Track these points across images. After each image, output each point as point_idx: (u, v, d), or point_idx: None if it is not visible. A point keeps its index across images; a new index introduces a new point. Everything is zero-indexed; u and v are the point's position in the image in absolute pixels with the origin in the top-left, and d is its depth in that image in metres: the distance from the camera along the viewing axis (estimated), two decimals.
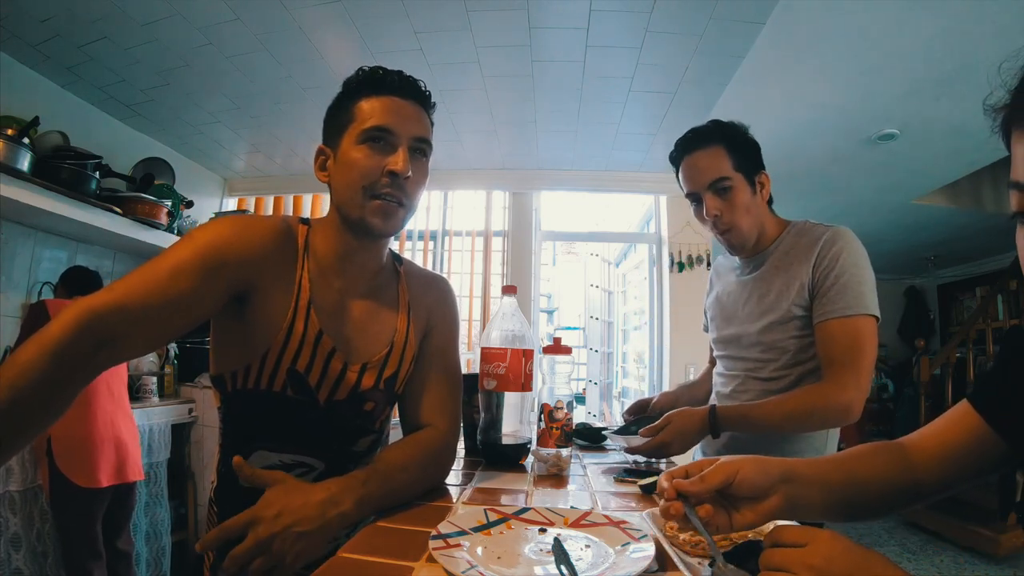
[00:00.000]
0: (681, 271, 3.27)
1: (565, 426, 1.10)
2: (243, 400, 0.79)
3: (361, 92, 0.79)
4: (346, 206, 0.79)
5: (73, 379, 0.60)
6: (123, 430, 2.01)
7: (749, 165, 1.11)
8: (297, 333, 0.77)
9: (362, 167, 0.76)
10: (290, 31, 1.96)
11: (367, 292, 0.86)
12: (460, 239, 3.64)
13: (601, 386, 3.98)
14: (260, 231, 0.76)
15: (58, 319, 0.60)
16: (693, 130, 1.15)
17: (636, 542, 0.59)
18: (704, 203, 1.10)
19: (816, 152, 2.86)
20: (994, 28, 1.79)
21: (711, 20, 1.82)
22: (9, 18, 1.87)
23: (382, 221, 0.78)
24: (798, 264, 1.06)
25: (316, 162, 0.82)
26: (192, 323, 0.70)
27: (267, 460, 0.80)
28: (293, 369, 0.77)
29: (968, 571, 2.99)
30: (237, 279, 0.72)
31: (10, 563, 1.77)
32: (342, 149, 0.78)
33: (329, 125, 0.82)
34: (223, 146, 3.03)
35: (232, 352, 0.78)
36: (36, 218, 2.16)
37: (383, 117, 0.77)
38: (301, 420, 0.80)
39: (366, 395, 0.83)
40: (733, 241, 1.12)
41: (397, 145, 0.78)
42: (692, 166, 1.12)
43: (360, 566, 0.55)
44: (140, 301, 0.64)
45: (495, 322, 1.03)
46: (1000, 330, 3.92)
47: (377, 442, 0.90)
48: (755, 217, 1.11)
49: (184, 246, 0.69)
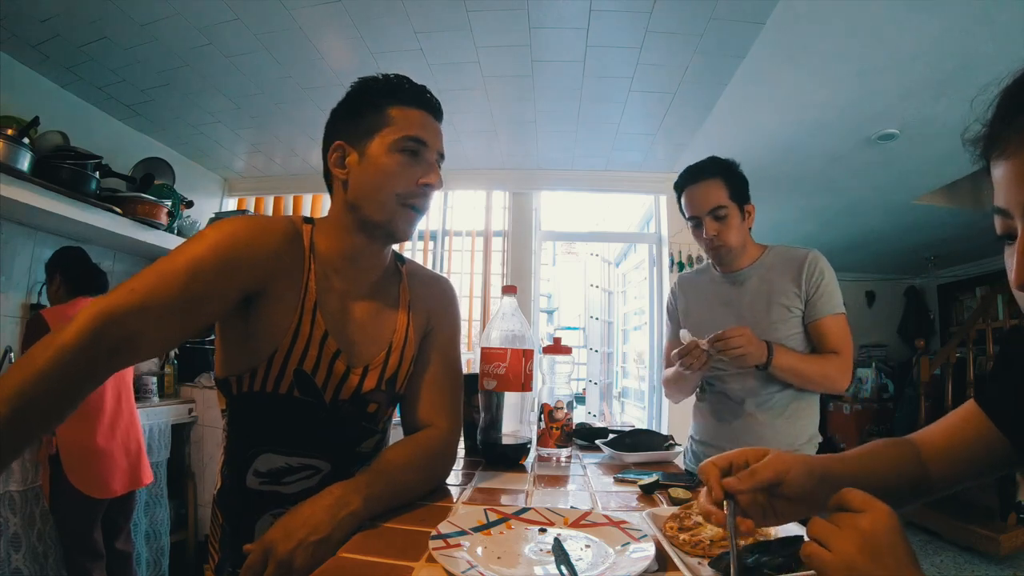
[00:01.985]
0: (681, 271, 3.27)
1: (565, 426, 1.10)
2: (249, 403, 0.79)
3: (393, 99, 0.80)
4: (370, 208, 0.79)
5: (85, 384, 0.61)
6: (132, 437, 2.02)
7: (741, 196, 1.35)
8: (304, 334, 0.77)
9: (398, 175, 0.78)
10: (290, 31, 1.95)
11: (369, 293, 0.86)
12: (460, 239, 3.64)
13: (601, 386, 3.98)
14: (272, 233, 0.76)
15: (75, 323, 0.59)
16: (696, 165, 1.37)
17: (636, 542, 0.59)
18: (704, 226, 1.33)
19: (816, 152, 2.86)
20: (994, 28, 1.79)
21: (711, 20, 1.82)
22: (9, 18, 1.87)
23: (409, 228, 0.82)
24: (785, 278, 1.32)
25: (332, 157, 0.81)
26: (206, 324, 0.71)
27: (273, 463, 0.79)
28: (300, 370, 0.77)
29: (968, 571, 2.99)
30: (251, 280, 0.73)
31: (10, 563, 1.77)
32: (372, 152, 0.78)
33: (351, 122, 0.81)
34: (223, 146, 3.03)
35: (238, 355, 0.78)
36: (36, 218, 2.16)
37: (420, 130, 0.79)
38: (307, 421, 0.80)
39: (369, 396, 0.83)
40: (724, 257, 1.36)
41: (429, 158, 0.80)
42: (695, 195, 1.34)
43: (360, 566, 0.55)
44: (160, 301, 0.64)
45: (495, 322, 1.03)
46: (1000, 330, 3.91)
47: (382, 442, 0.90)
48: (742, 239, 1.36)
49: (200, 244, 0.69)
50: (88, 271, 2.05)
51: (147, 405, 2.47)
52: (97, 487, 1.85)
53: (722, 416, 1.36)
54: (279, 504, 0.79)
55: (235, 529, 0.80)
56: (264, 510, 0.79)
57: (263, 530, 0.77)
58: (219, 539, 0.83)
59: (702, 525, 0.62)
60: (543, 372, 1.13)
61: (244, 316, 0.76)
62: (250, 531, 0.79)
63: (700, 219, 1.33)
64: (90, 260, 2.09)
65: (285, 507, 0.78)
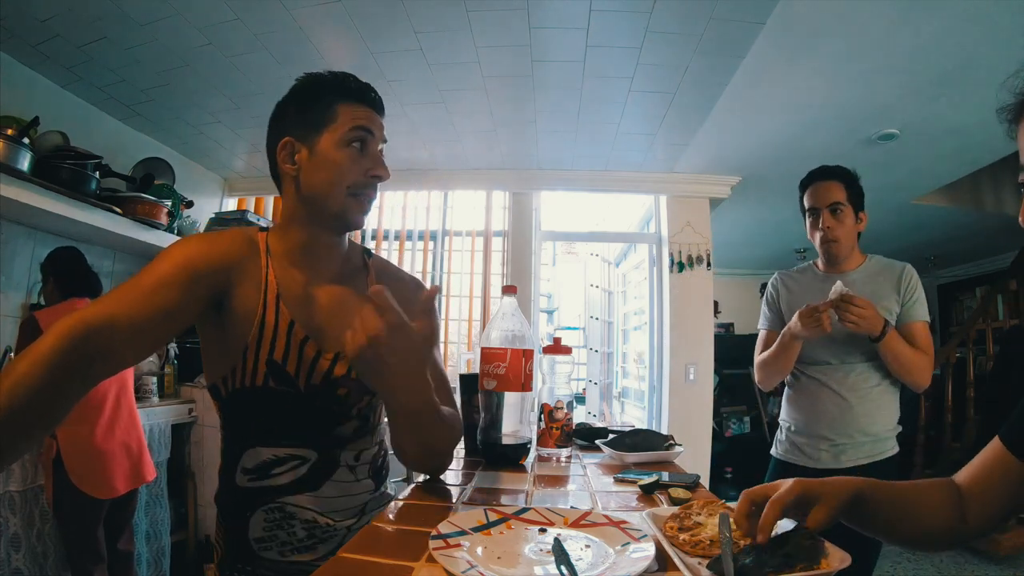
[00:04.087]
0: (681, 271, 3.27)
1: (565, 426, 1.10)
2: (235, 403, 0.81)
3: (340, 95, 0.84)
4: (324, 201, 0.83)
5: (68, 391, 0.62)
6: (132, 435, 2.03)
7: (857, 202, 1.52)
8: (269, 324, 0.80)
9: (349, 169, 0.82)
10: (290, 31, 1.95)
11: (332, 280, 0.88)
12: (460, 239, 3.64)
13: (601, 386, 3.98)
14: (226, 240, 0.82)
15: (52, 332, 0.62)
16: (825, 166, 1.56)
17: (636, 542, 0.59)
18: (821, 217, 1.50)
19: (816, 152, 2.85)
20: (994, 28, 1.79)
21: (711, 20, 1.82)
22: (9, 18, 1.86)
23: (361, 216, 0.86)
24: (888, 285, 1.48)
25: (281, 154, 0.85)
26: (177, 330, 0.75)
27: (260, 456, 0.81)
28: (271, 360, 0.80)
29: (968, 571, 2.99)
30: (213, 284, 0.78)
31: (10, 563, 1.77)
32: (322, 147, 0.82)
33: (299, 119, 0.84)
34: (223, 146, 3.03)
35: (219, 359, 0.81)
36: (36, 218, 2.16)
37: (367, 122, 0.84)
38: (285, 409, 0.82)
39: (339, 381, 0.84)
40: (833, 253, 1.51)
41: (375, 149, 0.85)
42: (818, 189, 1.52)
43: (360, 566, 0.55)
44: (128, 314, 0.68)
45: (495, 322, 1.03)
46: (1000, 330, 3.91)
47: (364, 429, 0.90)
48: (852, 240, 1.52)
49: (163, 261, 0.75)
50: (80, 272, 2.04)
51: (147, 405, 2.47)
52: (100, 487, 1.85)
53: (818, 404, 1.49)
54: (270, 498, 0.80)
55: (230, 528, 0.83)
56: (256, 507, 0.81)
57: (256, 527, 0.80)
58: (221, 537, 0.86)
59: (702, 525, 0.62)
60: (543, 372, 1.13)
61: (217, 323, 0.80)
62: (244, 529, 0.81)
63: (819, 211, 1.50)
64: (84, 261, 2.07)
65: (276, 501, 0.80)
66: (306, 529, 0.81)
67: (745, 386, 4.73)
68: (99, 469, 1.86)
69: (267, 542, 0.80)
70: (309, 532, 0.81)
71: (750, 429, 4.68)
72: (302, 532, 0.81)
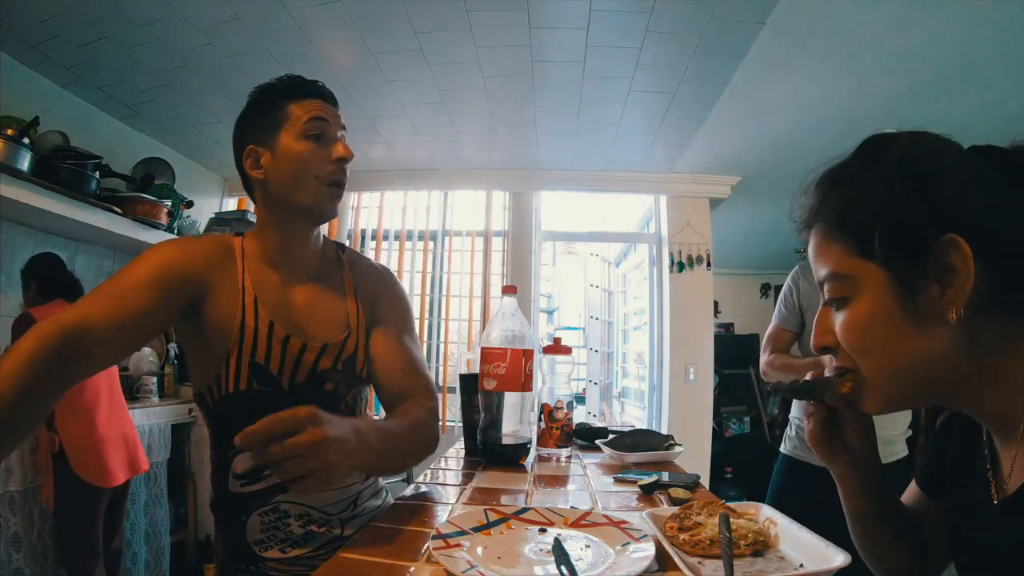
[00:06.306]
0: (681, 271, 3.27)
1: (565, 426, 1.10)
2: (221, 410, 0.82)
3: (291, 96, 0.85)
4: (295, 196, 0.83)
5: (47, 389, 0.62)
6: (127, 426, 2.06)
7: None
8: (249, 328, 0.80)
9: (312, 159, 0.83)
10: (290, 31, 1.95)
11: (308, 278, 0.89)
12: (460, 239, 3.64)
13: (601, 386, 3.98)
14: (201, 244, 0.83)
15: (31, 333, 0.63)
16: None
17: (636, 542, 0.59)
18: None
19: (816, 152, 2.85)
20: (994, 28, 1.79)
21: (711, 20, 1.82)
22: (9, 18, 1.86)
23: (334, 206, 0.86)
24: None
25: (247, 163, 0.85)
26: (153, 332, 0.76)
27: (248, 462, 0.81)
28: (254, 362, 0.80)
29: None
30: (187, 288, 0.78)
31: (10, 563, 1.77)
32: (282, 145, 0.83)
33: (255, 127, 0.85)
34: (223, 146, 3.02)
35: (203, 367, 0.82)
36: (36, 218, 2.16)
37: (320, 112, 0.85)
38: (271, 410, 0.81)
39: (325, 375, 0.85)
40: None
41: (334, 136, 0.85)
42: None
43: (360, 566, 0.55)
44: (102, 317, 0.69)
45: (495, 322, 1.03)
46: None
47: None
48: None
49: (139, 264, 0.76)
50: (61, 276, 2.04)
51: (147, 405, 2.47)
52: (102, 476, 1.88)
53: None
54: (263, 501, 0.81)
55: (229, 532, 0.83)
56: (250, 511, 0.81)
57: (254, 530, 0.80)
58: (220, 541, 0.86)
59: (702, 525, 0.62)
60: (543, 372, 1.13)
61: (197, 331, 0.81)
62: (242, 533, 0.81)
63: None
64: (64, 266, 2.08)
65: (270, 502, 0.80)
66: (301, 525, 0.82)
67: (745, 386, 4.72)
68: (102, 458, 1.90)
69: (267, 542, 0.81)
70: (304, 527, 0.82)
71: (750, 429, 4.68)
72: (298, 528, 0.81)
